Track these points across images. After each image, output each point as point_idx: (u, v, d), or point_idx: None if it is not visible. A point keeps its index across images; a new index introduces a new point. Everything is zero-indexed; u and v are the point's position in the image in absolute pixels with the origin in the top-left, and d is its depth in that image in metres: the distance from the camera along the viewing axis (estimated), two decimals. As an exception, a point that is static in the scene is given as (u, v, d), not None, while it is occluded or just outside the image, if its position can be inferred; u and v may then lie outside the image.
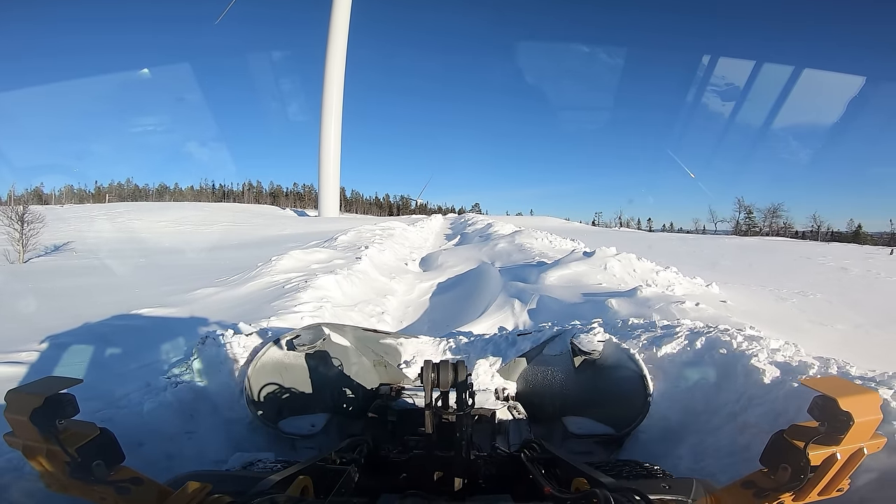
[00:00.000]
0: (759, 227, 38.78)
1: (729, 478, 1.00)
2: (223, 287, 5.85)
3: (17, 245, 11.43)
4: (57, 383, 0.87)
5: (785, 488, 0.82)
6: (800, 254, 12.93)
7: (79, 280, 7.80)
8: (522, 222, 25.66)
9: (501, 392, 2.03)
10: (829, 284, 7.39)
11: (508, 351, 2.36)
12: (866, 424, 0.80)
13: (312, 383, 1.94)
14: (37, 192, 61.99)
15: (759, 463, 0.89)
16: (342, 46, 40.54)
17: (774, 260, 11.24)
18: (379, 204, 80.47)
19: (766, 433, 1.26)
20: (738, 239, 26.25)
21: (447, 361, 1.15)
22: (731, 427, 1.75)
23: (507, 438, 1.70)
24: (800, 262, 11.01)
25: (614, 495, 0.77)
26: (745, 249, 14.76)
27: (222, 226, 23.73)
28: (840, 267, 10.11)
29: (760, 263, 10.23)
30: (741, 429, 1.72)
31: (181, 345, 3.23)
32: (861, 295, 6.65)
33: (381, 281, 7.15)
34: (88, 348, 3.30)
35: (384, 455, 1.28)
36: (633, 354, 1.94)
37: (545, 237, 10.55)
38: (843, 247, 19.23)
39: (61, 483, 0.83)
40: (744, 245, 17.65)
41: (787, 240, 27.31)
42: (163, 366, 2.63)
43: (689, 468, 1.70)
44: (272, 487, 0.89)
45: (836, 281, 7.97)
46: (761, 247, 16.55)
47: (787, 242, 22.42)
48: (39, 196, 60.22)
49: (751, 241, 22.78)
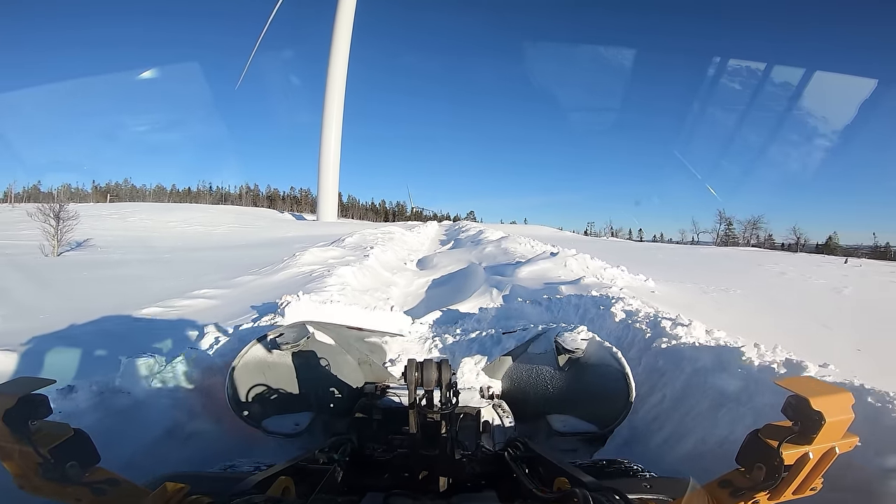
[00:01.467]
0: (737, 238, 40.90)
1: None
2: (259, 276, 7.21)
3: (53, 240, 12.66)
4: (30, 384, 0.87)
5: (760, 487, 0.84)
6: (755, 262, 14.53)
7: (126, 271, 9.09)
8: (514, 230, 27.21)
9: (486, 390, 2.04)
10: (756, 284, 8.91)
11: (493, 349, 2.41)
12: (838, 424, 0.81)
13: (297, 382, 1.94)
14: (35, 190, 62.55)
15: (735, 462, 0.91)
16: (344, 52, 41.82)
17: (727, 266, 12.80)
18: (375, 210, 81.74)
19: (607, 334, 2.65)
20: (713, 249, 28.06)
21: (431, 360, 1.17)
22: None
23: (491, 437, 1.70)
24: (748, 267, 12.57)
25: (594, 494, 0.79)
26: (708, 257, 16.35)
27: (229, 227, 24.98)
28: (780, 272, 11.67)
29: (711, 268, 11.77)
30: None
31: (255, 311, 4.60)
32: (775, 292, 8.16)
33: (386, 275, 8.55)
34: (198, 314, 4.67)
35: (368, 454, 1.29)
36: (615, 353, 1.98)
37: (528, 242, 12.04)
38: (807, 257, 20.93)
39: (34, 484, 0.83)
40: (710, 253, 19.32)
41: (760, 250, 29.08)
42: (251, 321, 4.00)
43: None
44: (252, 488, 0.89)
45: (765, 282, 9.49)
46: (725, 255, 18.18)
47: (756, 252, 24.13)
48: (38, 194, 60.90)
49: (723, 250, 24.53)
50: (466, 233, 21.02)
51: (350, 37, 41.62)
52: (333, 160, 42.51)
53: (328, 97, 41.90)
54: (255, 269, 7.92)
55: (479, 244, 13.57)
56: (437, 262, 10.81)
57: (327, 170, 42.16)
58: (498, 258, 10.12)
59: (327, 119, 41.90)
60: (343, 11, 41.00)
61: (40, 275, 8.51)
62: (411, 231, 20.21)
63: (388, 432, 1.45)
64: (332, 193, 43.10)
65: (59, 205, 13.01)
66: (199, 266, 9.54)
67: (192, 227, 23.94)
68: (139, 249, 14.49)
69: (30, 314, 4.86)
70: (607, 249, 15.24)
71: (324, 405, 1.93)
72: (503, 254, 10.72)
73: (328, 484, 1.02)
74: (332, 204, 43.26)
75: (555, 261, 7.15)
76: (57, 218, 12.62)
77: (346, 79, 42.45)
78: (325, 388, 1.96)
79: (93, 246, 15.05)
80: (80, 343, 3.30)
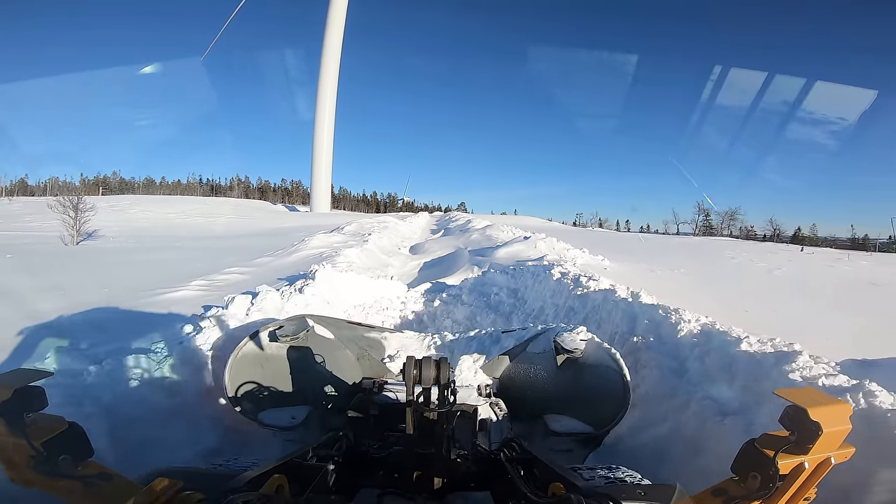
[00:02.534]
0: (714, 228, 42.99)
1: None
2: (276, 258, 8.41)
3: (72, 230, 13.63)
4: (26, 376, 0.88)
5: (754, 496, 0.84)
6: (714, 249, 16.08)
7: (151, 256, 10.16)
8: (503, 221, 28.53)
9: (484, 389, 2.04)
10: (703, 266, 10.37)
11: (492, 348, 2.44)
12: (835, 434, 0.82)
13: (294, 375, 1.94)
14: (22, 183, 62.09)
15: (731, 471, 0.91)
16: (337, 46, 42.05)
17: (687, 252, 14.31)
18: (366, 201, 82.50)
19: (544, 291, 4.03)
20: (689, 238, 29.82)
21: (430, 358, 1.16)
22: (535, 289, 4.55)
23: (488, 435, 1.70)
24: (705, 254, 14.09)
25: (588, 501, 0.81)
26: (678, 245, 17.90)
27: (228, 218, 25.87)
28: (731, 257, 13.21)
29: (673, 253, 13.24)
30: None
31: (285, 281, 5.83)
32: (714, 272, 9.62)
33: (383, 258, 9.81)
34: (238, 285, 5.89)
35: (364, 451, 1.29)
36: (614, 354, 1.98)
37: (510, 230, 13.39)
38: (773, 246, 22.64)
39: (25, 477, 0.83)
40: (683, 242, 20.97)
41: (734, 240, 30.87)
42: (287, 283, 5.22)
43: None
44: (245, 485, 0.90)
45: (712, 264, 10.97)
46: (695, 244, 19.78)
47: (727, 241, 25.84)
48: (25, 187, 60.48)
49: (696, 239, 26.28)
50: (456, 223, 22.34)
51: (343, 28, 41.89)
52: (326, 152, 42.96)
53: (321, 89, 42.18)
54: (269, 253, 9.11)
55: (467, 232, 14.90)
56: (428, 247, 12.11)
57: (320, 162, 42.64)
58: (482, 243, 11.45)
59: (320, 111, 42.26)
60: (336, 3, 41.24)
61: (80, 260, 9.58)
62: (404, 221, 21.45)
63: (385, 428, 1.48)
64: (325, 185, 43.59)
65: (77, 197, 13.91)
66: (215, 252, 10.67)
67: (192, 218, 24.81)
68: (149, 239, 15.42)
69: (97, 291, 6.01)
70: (587, 238, 16.67)
71: (321, 399, 1.94)
72: (487, 240, 12.05)
73: (322, 482, 1.03)
74: (326, 195, 43.76)
75: (527, 244, 8.50)
76: (75, 209, 13.55)
77: (339, 71, 42.87)
78: (322, 383, 1.98)
79: (104, 236, 15.90)
80: (166, 306, 4.51)
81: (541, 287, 4.79)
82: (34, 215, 23.78)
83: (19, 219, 21.54)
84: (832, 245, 33.75)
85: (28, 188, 60.79)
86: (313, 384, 1.97)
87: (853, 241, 41.89)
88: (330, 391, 1.96)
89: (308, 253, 8.54)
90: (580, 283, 4.16)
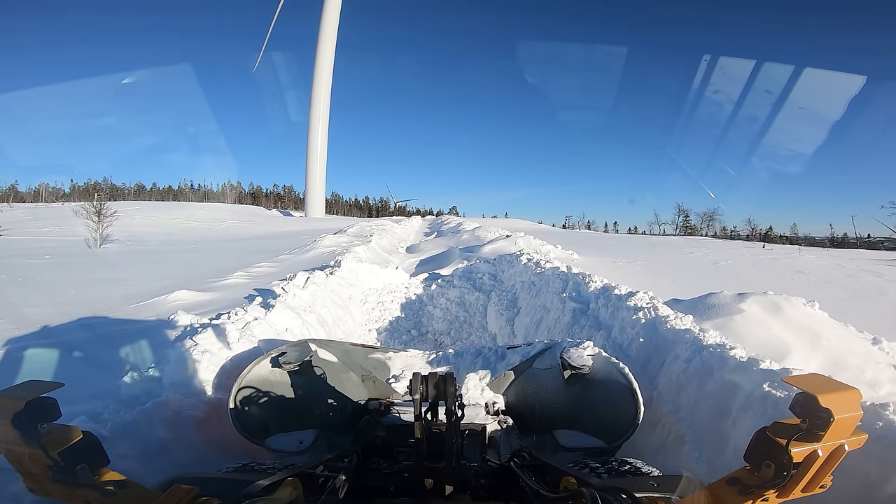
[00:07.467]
0: (692, 229, 45.30)
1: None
2: (294, 255, 9.83)
3: (96, 234, 14.86)
4: (38, 387, 0.89)
5: (769, 485, 0.85)
6: (679, 246, 17.87)
7: (179, 255, 11.49)
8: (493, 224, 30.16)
9: (491, 406, 2.04)
10: (659, 258, 12.04)
11: (497, 364, 2.47)
12: (846, 421, 0.83)
13: (300, 400, 1.96)
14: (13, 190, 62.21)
15: (744, 460, 0.92)
16: (330, 51, 43.30)
17: (656, 249, 16.03)
18: (359, 206, 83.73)
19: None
20: (666, 238, 31.84)
21: (436, 373, 1.18)
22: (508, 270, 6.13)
23: (497, 452, 1.70)
24: (669, 251, 15.84)
25: (601, 494, 0.81)
26: (654, 244, 19.68)
27: (229, 223, 27.06)
28: (690, 252, 14.96)
29: (639, 250, 14.95)
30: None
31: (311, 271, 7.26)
32: (667, 263, 11.30)
33: (385, 256, 11.30)
34: (273, 275, 7.33)
35: (373, 467, 1.32)
36: (622, 368, 1.99)
37: (496, 230, 14.99)
38: (739, 244, 24.58)
39: (44, 487, 0.85)
40: (657, 241, 22.80)
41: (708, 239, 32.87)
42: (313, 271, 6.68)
43: None
44: (260, 492, 0.91)
45: (668, 258, 12.66)
46: (666, 242, 21.62)
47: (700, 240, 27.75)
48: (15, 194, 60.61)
49: (672, 238, 28.24)
50: (448, 225, 23.95)
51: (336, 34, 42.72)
52: (321, 158, 43.98)
53: (315, 95, 43.23)
54: (287, 251, 10.52)
55: (458, 233, 16.48)
56: (423, 247, 13.63)
57: (314, 167, 43.70)
58: (471, 242, 13.01)
59: (314, 116, 43.29)
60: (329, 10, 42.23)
61: (120, 260, 10.90)
62: (399, 224, 22.97)
63: (392, 448, 1.51)
64: (319, 190, 44.57)
65: (101, 203, 15.14)
66: (233, 252, 12.03)
67: (195, 223, 25.94)
68: (165, 242, 16.65)
69: (156, 281, 7.38)
70: (571, 238, 18.37)
71: (327, 422, 1.95)
72: (475, 239, 13.63)
73: (334, 492, 1.06)
74: (320, 200, 44.76)
75: (508, 241, 10.11)
76: (98, 215, 14.80)
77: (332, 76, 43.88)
78: (328, 406, 1.99)
79: (119, 240, 17.01)
80: (229, 290, 5.93)
81: (513, 270, 6.33)
82: (42, 221, 24.78)
83: (29, 224, 22.54)
84: (803, 243, 35.75)
85: (18, 195, 60.99)
86: (319, 408, 1.99)
87: (832, 239, 44.46)
88: (336, 414, 1.99)
89: (322, 251, 9.99)
90: (539, 265, 5.71)
